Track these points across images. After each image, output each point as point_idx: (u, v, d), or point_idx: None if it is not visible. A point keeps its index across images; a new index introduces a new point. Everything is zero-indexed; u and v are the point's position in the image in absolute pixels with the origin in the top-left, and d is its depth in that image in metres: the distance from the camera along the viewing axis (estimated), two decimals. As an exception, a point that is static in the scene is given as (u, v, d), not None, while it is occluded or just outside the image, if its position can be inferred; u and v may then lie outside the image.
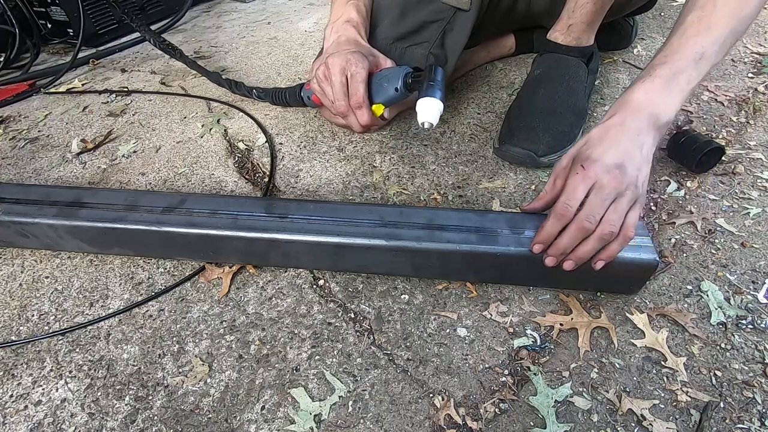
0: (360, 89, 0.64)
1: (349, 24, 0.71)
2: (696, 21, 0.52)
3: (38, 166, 0.85)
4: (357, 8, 0.73)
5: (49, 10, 1.26)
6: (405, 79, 0.64)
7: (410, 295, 0.58)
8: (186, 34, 1.39)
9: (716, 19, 0.51)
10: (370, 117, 0.67)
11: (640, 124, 0.50)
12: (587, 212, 0.48)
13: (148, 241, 0.60)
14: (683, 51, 0.51)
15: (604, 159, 0.48)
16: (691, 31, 0.52)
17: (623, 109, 0.52)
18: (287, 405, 0.48)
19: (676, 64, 0.51)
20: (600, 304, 0.55)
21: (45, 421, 0.49)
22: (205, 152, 0.84)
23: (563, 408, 0.47)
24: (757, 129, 0.79)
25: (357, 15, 0.72)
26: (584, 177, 0.48)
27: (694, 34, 0.51)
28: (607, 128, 0.51)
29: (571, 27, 0.75)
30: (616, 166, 0.48)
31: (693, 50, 0.51)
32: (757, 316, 0.53)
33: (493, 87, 0.95)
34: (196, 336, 0.55)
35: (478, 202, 0.69)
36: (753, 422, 0.45)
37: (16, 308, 0.60)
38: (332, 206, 0.59)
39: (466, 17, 0.75)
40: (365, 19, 0.73)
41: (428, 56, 0.74)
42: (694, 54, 0.51)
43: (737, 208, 0.66)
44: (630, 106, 0.51)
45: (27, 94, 1.10)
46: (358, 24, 0.71)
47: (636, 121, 0.50)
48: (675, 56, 0.52)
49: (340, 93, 0.65)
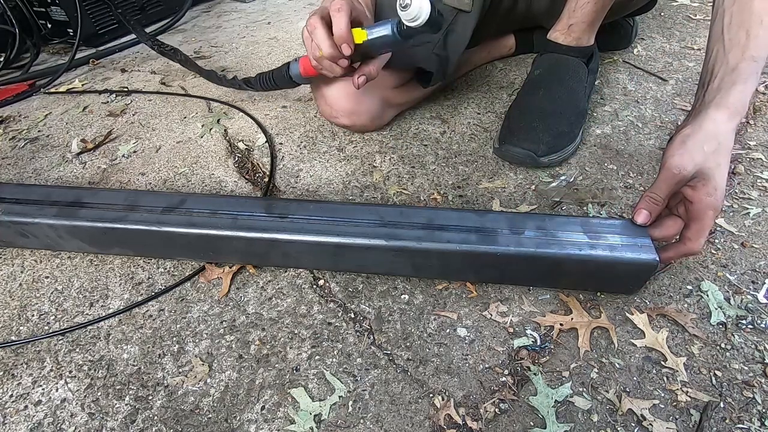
0: (341, 22, 0.58)
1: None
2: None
3: (38, 166, 0.85)
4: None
5: (49, 10, 1.26)
6: (398, 26, 0.58)
7: (410, 295, 0.58)
8: (186, 34, 1.39)
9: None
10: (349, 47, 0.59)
11: (730, 138, 0.49)
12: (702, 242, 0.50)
13: (148, 241, 0.60)
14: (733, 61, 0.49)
15: (723, 193, 0.49)
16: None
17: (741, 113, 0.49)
18: (287, 405, 0.48)
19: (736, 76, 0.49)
20: (600, 304, 0.55)
21: (45, 421, 0.49)
22: (205, 152, 0.84)
23: (563, 408, 0.47)
24: (757, 129, 0.79)
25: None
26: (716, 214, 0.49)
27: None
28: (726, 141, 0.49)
29: (571, 27, 0.75)
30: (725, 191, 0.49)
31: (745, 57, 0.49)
32: (757, 316, 0.53)
33: (493, 87, 0.95)
34: (196, 336, 0.55)
35: (478, 202, 0.69)
36: (753, 422, 0.45)
37: (16, 308, 0.60)
38: (332, 206, 0.58)
39: (468, 18, 0.75)
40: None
41: (430, 56, 0.74)
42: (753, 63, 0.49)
43: (737, 208, 0.66)
44: (735, 109, 0.49)
45: (27, 94, 1.10)
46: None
47: (727, 138, 0.49)
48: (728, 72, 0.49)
49: (323, 35, 0.60)
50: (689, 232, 0.51)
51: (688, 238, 0.51)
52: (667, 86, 0.91)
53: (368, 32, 0.59)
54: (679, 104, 0.86)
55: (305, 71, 0.71)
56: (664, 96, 0.88)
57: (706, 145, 0.48)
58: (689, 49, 1.02)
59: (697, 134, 0.49)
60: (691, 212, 0.50)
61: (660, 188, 0.51)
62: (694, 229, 0.50)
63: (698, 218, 0.50)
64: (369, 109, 0.78)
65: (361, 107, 0.77)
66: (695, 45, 1.03)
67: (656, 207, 0.52)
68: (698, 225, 0.50)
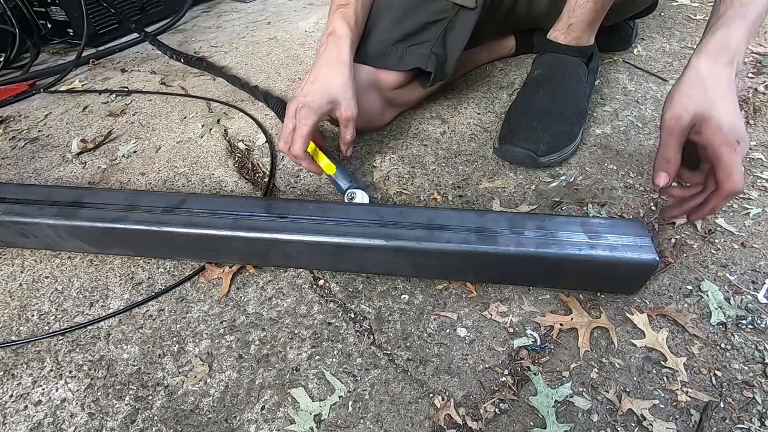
0: (297, 144, 0.64)
1: (332, 38, 0.68)
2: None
3: (38, 166, 0.85)
4: (344, 16, 0.70)
5: (49, 10, 1.26)
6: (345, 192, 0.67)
7: (410, 295, 0.58)
8: (186, 34, 1.39)
9: None
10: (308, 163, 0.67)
11: (734, 71, 0.51)
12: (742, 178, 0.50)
13: (148, 241, 0.60)
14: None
15: (740, 124, 0.50)
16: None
17: (725, 55, 0.51)
18: (287, 405, 0.48)
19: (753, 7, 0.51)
20: (600, 304, 0.55)
21: (45, 421, 0.49)
22: (205, 152, 0.84)
23: (563, 408, 0.47)
24: (757, 129, 0.79)
25: (343, 25, 0.69)
26: (739, 151, 0.49)
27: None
28: (719, 84, 0.51)
29: (571, 26, 0.75)
30: (744, 127, 0.50)
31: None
32: (757, 316, 0.53)
33: (493, 87, 0.95)
34: (196, 336, 0.55)
35: (478, 202, 0.69)
36: (753, 422, 0.45)
37: (16, 308, 0.60)
38: (332, 206, 0.59)
39: (470, 16, 0.75)
40: (353, 28, 0.70)
41: (429, 55, 0.74)
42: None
43: (737, 208, 0.66)
44: (720, 53, 0.51)
45: (27, 94, 1.10)
46: (342, 37, 0.68)
47: (732, 68, 0.51)
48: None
49: (287, 137, 0.66)
50: (718, 176, 0.50)
51: (720, 182, 0.51)
52: (667, 86, 0.91)
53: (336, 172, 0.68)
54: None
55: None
56: (664, 96, 0.88)
57: (693, 90, 0.51)
58: (689, 49, 1.02)
59: (681, 84, 0.52)
60: (709, 157, 0.50)
61: (666, 146, 0.52)
62: (720, 172, 0.50)
63: (717, 159, 0.50)
64: (369, 110, 0.78)
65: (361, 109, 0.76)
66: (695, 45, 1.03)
67: (670, 165, 0.52)
68: (721, 165, 0.50)
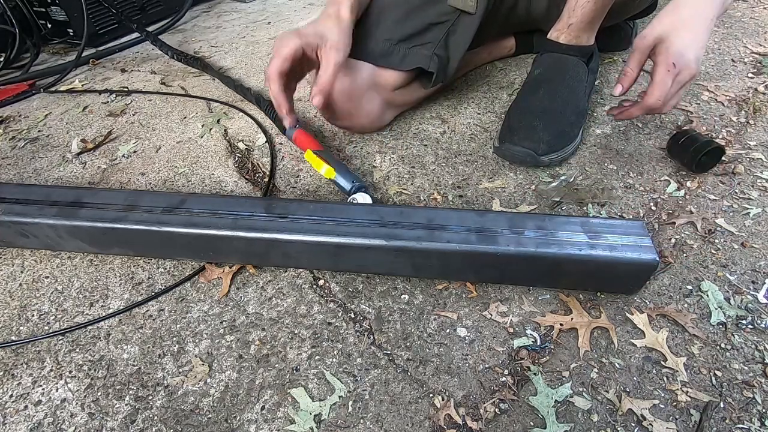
0: (273, 63, 0.65)
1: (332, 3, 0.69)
2: None
3: (38, 166, 0.86)
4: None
5: (49, 10, 1.26)
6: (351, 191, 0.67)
7: (410, 295, 0.58)
8: (186, 34, 1.39)
9: None
10: (276, 89, 0.67)
11: (713, 11, 0.58)
12: (665, 100, 0.60)
13: (148, 241, 0.60)
14: None
15: (689, 54, 0.57)
16: None
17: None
18: (287, 405, 0.48)
19: None
20: (600, 304, 0.55)
21: (45, 421, 0.49)
22: (205, 152, 0.84)
23: (563, 408, 0.47)
24: (757, 129, 0.79)
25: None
26: (673, 74, 0.58)
27: None
28: (693, 16, 0.58)
29: (571, 26, 0.75)
30: (695, 59, 0.58)
31: None
32: (757, 316, 0.53)
33: (493, 87, 0.95)
34: (196, 336, 0.55)
35: (478, 202, 0.69)
36: (753, 422, 0.45)
37: (16, 308, 0.60)
38: (332, 206, 0.59)
39: (471, 20, 0.75)
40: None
41: (432, 57, 0.74)
42: None
43: (737, 208, 0.66)
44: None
45: (27, 94, 1.10)
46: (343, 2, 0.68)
47: (711, 8, 0.58)
48: None
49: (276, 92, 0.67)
50: (648, 89, 0.60)
51: (644, 95, 0.61)
52: (667, 86, 0.91)
53: (335, 176, 0.68)
54: (679, 104, 0.86)
55: (296, 140, 0.76)
56: (664, 96, 0.88)
57: (665, 16, 0.59)
58: (689, 49, 1.02)
59: (661, 11, 0.60)
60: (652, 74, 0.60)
61: (630, 60, 0.63)
62: (649, 87, 0.60)
63: (652, 75, 0.60)
64: (369, 111, 0.78)
65: (361, 110, 0.76)
66: (695, 45, 1.03)
67: (626, 78, 0.63)
68: (652, 81, 0.59)
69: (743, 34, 1.07)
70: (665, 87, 0.58)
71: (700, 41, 0.58)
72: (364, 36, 0.74)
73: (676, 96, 0.61)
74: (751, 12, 1.17)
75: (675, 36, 0.58)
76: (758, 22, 1.12)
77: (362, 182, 0.67)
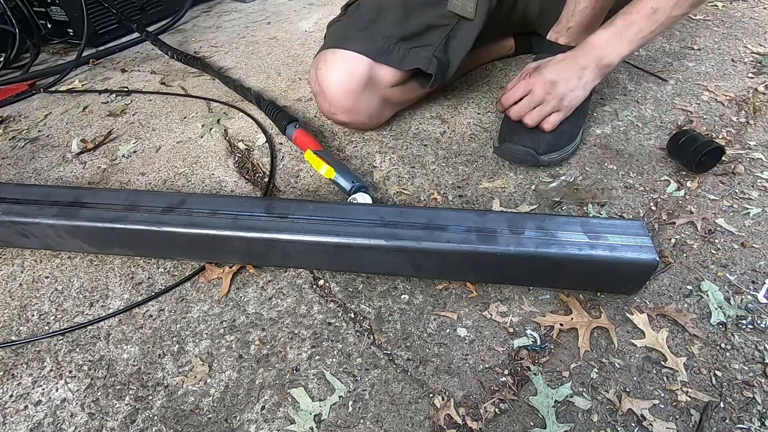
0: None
1: None
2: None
3: (38, 166, 0.85)
4: None
5: (49, 10, 1.26)
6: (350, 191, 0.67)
7: (410, 295, 0.58)
8: (186, 34, 1.39)
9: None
10: None
11: (587, 62, 0.67)
12: (518, 107, 0.71)
13: (148, 241, 0.60)
14: (639, 5, 0.63)
15: (545, 74, 0.68)
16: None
17: (581, 48, 0.68)
18: (287, 405, 0.48)
19: (631, 17, 0.63)
20: (600, 304, 0.55)
21: (45, 421, 0.49)
22: (205, 152, 0.84)
23: (563, 408, 0.47)
24: (757, 129, 0.79)
25: None
26: (526, 83, 0.70)
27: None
28: (566, 57, 0.69)
29: (570, 29, 0.75)
30: (551, 81, 0.68)
31: (648, 5, 0.62)
32: (757, 316, 0.53)
33: (493, 87, 0.95)
34: (196, 336, 0.55)
35: (478, 202, 0.69)
36: (753, 422, 0.45)
37: (16, 308, 0.60)
38: (332, 206, 0.58)
39: (471, 26, 0.75)
40: None
41: (431, 59, 0.74)
42: (648, 9, 0.62)
43: (737, 208, 0.66)
44: (586, 46, 0.67)
45: (27, 94, 1.10)
46: None
47: (585, 58, 0.67)
48: (632, 9, 0.63)
49: None
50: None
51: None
52: (667, 86, 0.91)
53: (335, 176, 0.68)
54: (679, 104, 0.86)
55: (296, 140, 0.78)
56: (664, 96, 0.88)
57: (559, 58, 0.70)
58: (689, 49, 1.02)
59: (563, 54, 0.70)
60: None
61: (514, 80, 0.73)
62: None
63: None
64: (368, 107, 0.78)
65: (360, 105, 0.77)
66: (695, 45, 1.03)
67: (506, 96, 0.72)
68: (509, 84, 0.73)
69: (743, 34, 1.07)
70: (514, 90, 0.71)
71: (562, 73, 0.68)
72: (361, 30, 0.74)
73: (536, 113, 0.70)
74: (751, 12, 1.17)
75: (544, 65, 0.70)
76: (758, 22, 1.12)
77: (362, 182, 0.67)
